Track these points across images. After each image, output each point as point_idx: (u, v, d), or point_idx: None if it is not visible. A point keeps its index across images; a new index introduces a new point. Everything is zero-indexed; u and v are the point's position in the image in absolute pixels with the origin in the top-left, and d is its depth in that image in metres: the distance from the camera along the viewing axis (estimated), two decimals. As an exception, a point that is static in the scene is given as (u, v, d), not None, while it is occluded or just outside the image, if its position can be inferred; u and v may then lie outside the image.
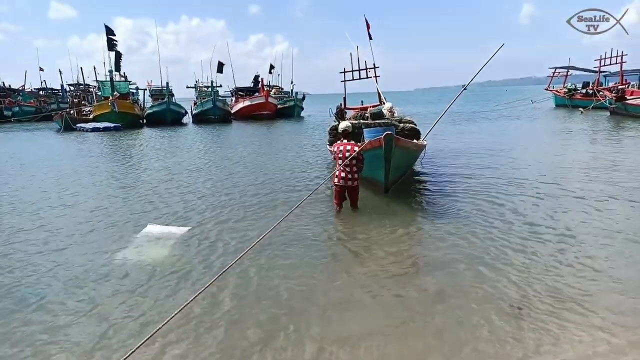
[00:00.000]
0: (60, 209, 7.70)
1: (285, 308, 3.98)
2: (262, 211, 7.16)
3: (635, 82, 28.25)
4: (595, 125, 20.24)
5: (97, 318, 3.90)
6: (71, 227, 6.64)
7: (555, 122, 23.66)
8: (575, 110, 27.51)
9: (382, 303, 4.05)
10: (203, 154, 14.98)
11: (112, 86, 30.77)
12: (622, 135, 16.16)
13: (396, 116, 9.56)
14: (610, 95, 24.93)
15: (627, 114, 22.53)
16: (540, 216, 6.41)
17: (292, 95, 38.29)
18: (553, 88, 36.12)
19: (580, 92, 32.12)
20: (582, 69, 34.56)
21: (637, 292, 4.07)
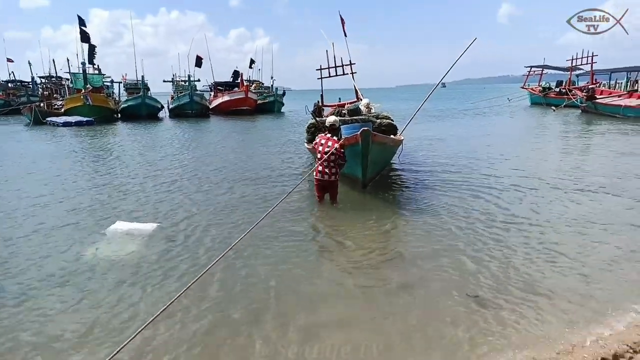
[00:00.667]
0: (26, 206, 7.42)
1: (260, 302, 3.95)
2: (237, 208, 7.05)
3: (605, 82, 29.10)
4: (566, 122, 20.80)
5: (65, 315, 3.81)
6: (37, 224, 6.41)
7: (530, 119, 24.22)
8: (549, 108, 28.16)
9: (355, 295, 4.08)
10: (178, 149, 14.69)
11: (85, 79, 29.88)
12: (591, 132, 16.64)
13: (373, 112, 9.56)
14: (581, 95, 25.60)
15: (596, 113, 23.18)
16: (515, 209, 6.58)
17: (272, 90, 37.97)
18: (528, 86, 36.90)
19: (554, 90, 32.90)
20: (556, 67, 35.38)
21: (600, 277, 4.28)
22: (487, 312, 3.68)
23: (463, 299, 3.91)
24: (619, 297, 3.93)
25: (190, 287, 4.05)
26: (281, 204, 6.64)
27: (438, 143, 14.08)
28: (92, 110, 27.33)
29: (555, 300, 3.87)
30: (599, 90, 26.05)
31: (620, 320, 3.55)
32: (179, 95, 34.00)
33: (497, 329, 3.44)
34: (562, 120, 21.68)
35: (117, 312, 3.84)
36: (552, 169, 9.58)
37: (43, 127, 24.29)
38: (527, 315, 3.64)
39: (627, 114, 20.38)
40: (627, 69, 25.94)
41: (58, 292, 4.24)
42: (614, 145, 12.70)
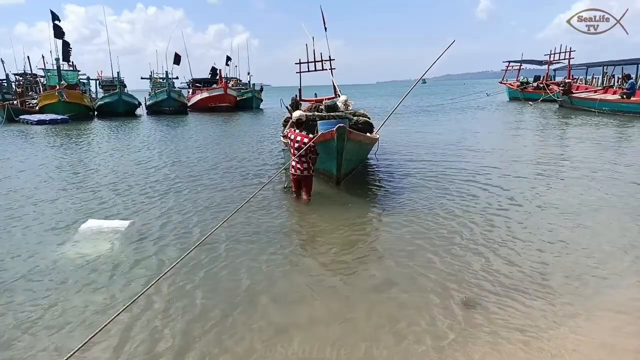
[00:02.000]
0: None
1: (233, 300, 3.87)
2: (212, 204, 6.96)
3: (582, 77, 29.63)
4: (543, 116, 21.15)
5: (33, 314, 3.70)
6: (7, 223, 6.22)
7: (507, 114, 24.49)
8: (527, 103, 28.57)
9: (329, 292, 4.03)
10: (156, 147, 14.40)
11: (60, 75, 29.09)
12: (567, 125, 16.94)
13: (350, 109, 9.50)
14: (558, 89, 26.05)
15: (572, 107, 23.61)
16: (492, 201, 6.64)
17: (250, 86, 37.63)
18: (507, 81, 37.39)
19: (532, 85, 33.41)
20: (533, 62, 35.88)
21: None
22: (470, 309, 3.64)
23: (440, 294, 3.88)
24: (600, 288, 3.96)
25: (162, 285, 4.01)
26: (256, 201, 6.76)
27: (415, 139, 14.11)
28: (67, 107, 26.66)
29: (539, 291, 3.88)
30: (576, 85, 26.52)
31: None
32: (156, 92, 33.42)
33: (480, 325, 3.41)
34: (539, 115, 22.05)
35: (84, 311, 3.74)
36: (527, 161, 9.72)
37: (16, 125, 23.59)
38: (511, 309, 3.62)
39: (602, 107, 20.78)
40: (603, 63, 26.45)
41: (27, 292, 4.11)
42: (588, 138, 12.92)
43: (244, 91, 36.44)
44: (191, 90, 37.90)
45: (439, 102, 35.98)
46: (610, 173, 8.35)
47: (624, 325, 3.40)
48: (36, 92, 32.79)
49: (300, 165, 6.72)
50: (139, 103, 32.44)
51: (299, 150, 6.58)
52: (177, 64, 36.56)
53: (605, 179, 7.90)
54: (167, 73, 34.29)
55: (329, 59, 13.94)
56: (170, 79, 34.63)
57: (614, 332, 3.32)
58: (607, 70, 26.25)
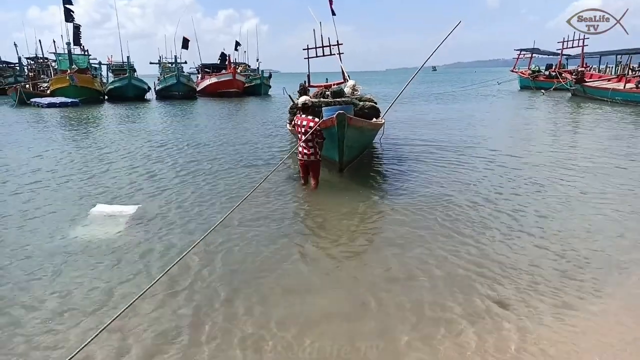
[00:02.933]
0: (7, 189, 7.34)
1: (241, 287, 3.89)
2: (220, 190, 7.01)
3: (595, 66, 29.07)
4: (555, 105, 20.86)
5: (44, 297, 3.77)
6: (18, 207, 6.32)
7: (518, 102, 24.23)
8: (539, 92, 28.16)
9: (337, 282, 4.02)
10: (164, 131, 14.53)
11: (70, 59, 29.27)
12: (579, 114, 16.73)
13: (358, 94, 9.46)
14: (571, 78, 25.60)
15: (585, 96, 23.24)
16: (499, 191, 6.57)
17: (259, 73, 37.48)
18: (518, 70, 36.81)
19: (544, 74, 32.87)
20: (545, 51, 35.27)
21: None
22: (473, 296, 3.64)
23: (445, 283, 3.86)
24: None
25: (170, 271, 4.03)
26: (263, 187, 6.69)
27: (423, 126, 14.03)
28: (78, 91, 26.91)
29: (538, 280, 3.87)
30: (589, 74, 26.05)
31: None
32: (165, 77, 33.51)
33: (486, 315, 3.38)
34: (551, 103, 21.75)
35: (95, 295, 3.79)
36: (536, 151, 9.63)
37: (27, 108, 23.91)
38: (519, 297, 3.61)
39: (614, 97, 20.44)
40: (617, 52, 25.92)
41: (37, 276, 4.18)
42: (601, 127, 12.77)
43: (253, 78, 36.35)
44: (200, 75, 37.89)
45: (449, 90, 35.58)
46: (624, 163, 8.27)
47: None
48: (48, 75, 33.06)
49: (307, 150, 6.68)
50: (149, 87, 32.62)
51: (305, 134, 6.55)
52: (186, 48, 36.49)
53: (615, 169, 7.83)
54: (175, 58, 34.29)
55: (337, 44, 13.83)
56: (179, 64, 34.64)
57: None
58: (621, 59, 25.74)
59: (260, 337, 3.18)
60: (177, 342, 3.14)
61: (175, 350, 3.05)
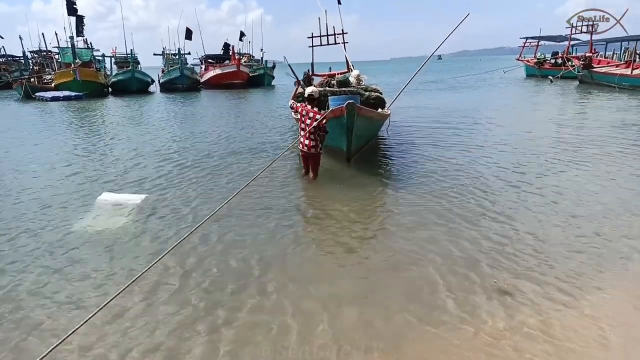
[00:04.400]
0: (14, 178, 7.42)
1: (248, 276, 3.91)
2: (224, 179, 7.05)
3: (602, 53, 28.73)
4: (562, 92, 20.64)
5: (58, 284, 3.84)
6: (25, 197, 6.41)
7: (524, 90, 23.99)
8: (545, 80, 27.87)
9: (343, 269, 4.03)
10: (168, 123, 14.56)
11: (74, 53, 29.22)
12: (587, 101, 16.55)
13: (363, 84, 9.41)
14: (578, 63, 25.31)
15: (593, 82, 22.98)
16: (505, 180, 6.53)
17: (262, 63, 37.32)
18: (524, 58, 36.41)
19: (549, 61, 32.51)
20: (551, 38, 34.81)
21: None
22: (478, 286, 3.63)
23: (451, 272, 3.86)
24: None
25: (171, 258, 4.09)
26: (266, 177, 6.81)
27: (428, 116, 13.93)
28: (82, 85, 26.88)
29: (551, 273, 3.82)
30: (596, 60, 25.75)
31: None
32: (169, 69, 33.44)
33: (491, 304, 3.38)
34: (558, 91, 21.52)
35: (100, 282, 3.86)
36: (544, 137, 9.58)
37: (32, 102, 24.01)
38: (526, 289, 3.56)
39: (622, 83, 20.21)
40: (623, 38, 25.61)
41: (43, 264, 4.24)
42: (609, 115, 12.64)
43: (256, 68, 36.22)
44: (204, 66, 37.76)
45: (454, 79, 35.29)
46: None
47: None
48: (52, 69, 33.09)
49: (309, 142, 6.62)
50: (152, 80, 32.54)
51: (308, 126, 6.50)
52: (189, 39, 36.29)
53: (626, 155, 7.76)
54: (179, 50, 34.16)
55: (342, 33, 13.72)
56: (183, 55, 34.50)
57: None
58: (628, 45, 25.44)
59: (267, 323, 3.21)
60: (189, 330, 3.16)
61: (188, 336, 3.08)
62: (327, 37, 13.77)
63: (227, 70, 32.83)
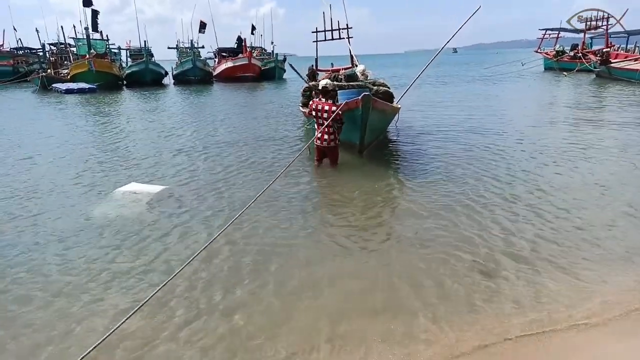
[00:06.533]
0: (40, 169, 7.62)
1: (266, 262, 3.98)
2: (241, 172, 7.11)
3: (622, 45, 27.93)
4: (577, 87, 20.17)
5: (81, 270, 3.93)
6: (50, 185, 6.57)
7: (539, 84, 23.53)
8: (562, 73, 27.31)
9: (356, 254, 4.12)
10: (182, 115, 14.73)
11: (89, 44, 29.60)
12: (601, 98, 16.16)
13: (369, 79, 9.35)
14: (595, 59, 24.73)
15: (610, 77, 22.43)
16: (517, 174, 6.47)
17: (273, 56, 37.29)
18: (543, 50, 35.61)
19: (568, 55, 31.79)
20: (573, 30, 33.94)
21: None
22: (488, 277, 3.65)
23: (460, 261, 3.90)
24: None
25: (198, 246, 4.17)
26: (281, 169, 6.72)
27: (440, 110, 13.79)
28: (97, 76, 27.23)
29: (559, 267, 3.82)
30: (614, 53, 25.09)
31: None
32: (182, 62, 33.66)
33: (497, 292, 3.43)
34: (573, 86, 21.05)
35: (124, 270, 3.91)
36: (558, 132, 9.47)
37: (49, 93, 24.49)
38: (530, 281, 3.61)
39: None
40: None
41: (67, 248, 4.36)
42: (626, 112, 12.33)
43: (267, 61, 36.21)
44: (217, 59, 37.89)
45: (469, 72, 34.82)
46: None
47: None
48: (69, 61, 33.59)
49: (328, 136, 6.69)
50: (166, 72, 32.81)
51: (326, 120, 6.53)
52: (202, 32, 36.43)
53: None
54: (192, 42, 34.30)
55: (347, 27, 13.58)
56: (196, 48, 34.67)
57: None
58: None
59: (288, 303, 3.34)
60: (209, 313, 3.25)
61: (207, 319, 3.17)
62: (331, 31, 13.66)
63: (239, 64, 32.89)
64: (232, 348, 2.88)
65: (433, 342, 2.87)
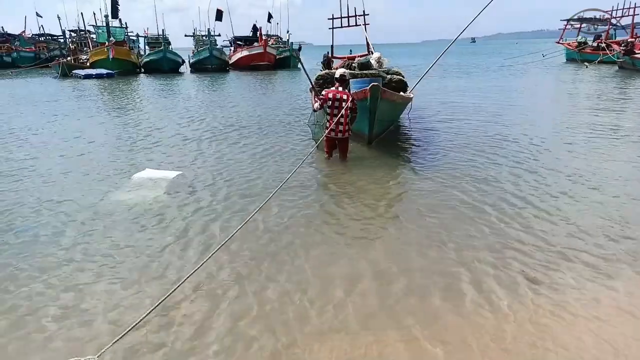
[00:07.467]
0: (56, 154, 7.77)
1: (276, 252, 4.01)
2: (255, 160, 7.17)
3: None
4: (599, 79, 19.65)
5: (87, 253, 4.02)
6: (67, 170, 6.72)
7: (560, 75, 23.01)
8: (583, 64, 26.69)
9: (368, 245, 4.13)
10: (199, 103, 14.87)
11: (108, 32, 30.04)
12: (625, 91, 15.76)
13: (384, 67, 9.29)
14: (619, 49, 24.08)
15: (634, 69, 21.83)
16: (535, 168, 6.35)
17: (288, 45, 37.26)
18: (565, 41, 34.76)
19: (591, 45, 30.98)
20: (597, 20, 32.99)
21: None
22: (500, 271, 3.62)
23: (472, 253, 3.87)
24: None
25: (209, 236, 4.28)
26: (290, 160, 6.99)
27: (455, 100, 13.64)
28: (115, 63, 27.72)
29: (573, 261, 3.76)
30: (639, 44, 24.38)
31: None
32: (199, 50, 33.92)
33: (516, 285, 3.40)
34: (595, 77, 20.54)
35: (141, 255, 3.99)
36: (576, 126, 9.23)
37: (69, 79, 25.04)
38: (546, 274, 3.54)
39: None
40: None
41: (83, 231, 4.47)
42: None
43: (282, 50, 36.21)
44: (233, 47, 38.04)
45: (487, 63, 34.25)
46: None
47: None
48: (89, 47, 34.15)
49: (343, 127, 6.56)
50: (183, 61, 33.15)
51: (338, 109, 6.40)
52: (219, 20, 36.52)
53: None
54: (209, 30, 34.50)
55: (363, 14, 13.44)
56: (212, 36, 34.87)
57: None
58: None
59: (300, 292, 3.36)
60: (226, 298, 3.31)
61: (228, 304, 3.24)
62: (347, 18, 13.52)
63: (254, 52, 33.01)
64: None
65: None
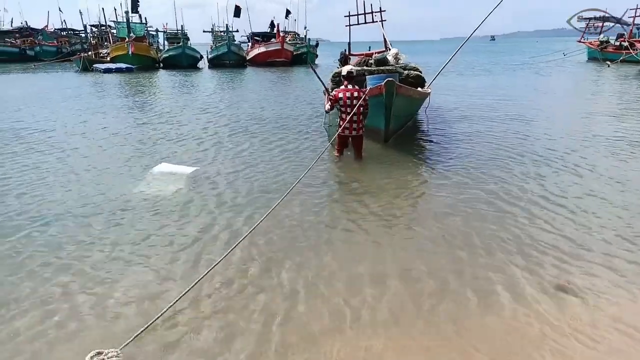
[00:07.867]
0: (77, 148, 7.90)
1: (291, 251, 3.98)
2: (271, 157, 7.16)
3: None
4: (623, 79, 19.17)
5: (106, 246, 4.07)
6: (87, 164, 6.83)
7: (581, 74, 22.64)
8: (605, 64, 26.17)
9: (385, 245, 4.08)
10: (218, 98, 15.04)
11: (128, 27, 30.55)
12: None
13: (401, 63, 9.27)
14: (642, 48, 23.55)
15: (658, 69, 21.34)
16: (549, 169, 6.22)
17: (305, 41, 37.33)
18: (586, 40, 34.09)
19: (613, 44, 30.34)
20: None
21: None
22: (518, 269, 3.58)
23: (490, 255, 3.82)
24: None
25: (218, 237, 4.25)
26: (303, 159, 6.95)
27: (475, 98, 13.55)
28: (135, 58, 28.21)
29: (585, 260, 3.72)
30: (664, 44, 23.83)
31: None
32: (217, 46, 34.23)
33: (523, 284, 3.36)
34: (616, 77, 20.12)
35: (157, 246, 4.05)
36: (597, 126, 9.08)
37: (90, 73, 25.58)
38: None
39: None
40: None
41: (103, 223, 4.55)
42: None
43: (299, 46, 36.32)
44: (251, 43, 38.29)
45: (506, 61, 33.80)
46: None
47: None
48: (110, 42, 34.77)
49: (357, 125, 6.47)
50: (201, 56, 33.51)
51: (351, 107, 6.31)
52: (237, 16, 36.74)
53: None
54: (227, 26, 34.77)
55: (380, 10, 13.39)
56: (231, 32, 35.15)
57: None
58: None
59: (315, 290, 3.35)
60: (245, 295, 3.30)
61: (247, 299, 3.25)
62: (364, 15, 13.47)
63: (272, 48, 33.16)
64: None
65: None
